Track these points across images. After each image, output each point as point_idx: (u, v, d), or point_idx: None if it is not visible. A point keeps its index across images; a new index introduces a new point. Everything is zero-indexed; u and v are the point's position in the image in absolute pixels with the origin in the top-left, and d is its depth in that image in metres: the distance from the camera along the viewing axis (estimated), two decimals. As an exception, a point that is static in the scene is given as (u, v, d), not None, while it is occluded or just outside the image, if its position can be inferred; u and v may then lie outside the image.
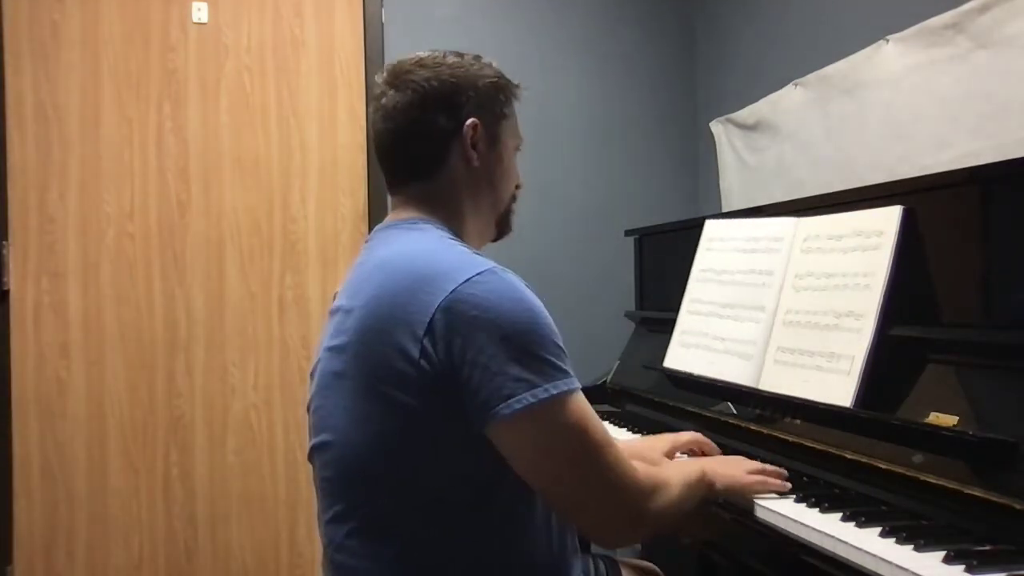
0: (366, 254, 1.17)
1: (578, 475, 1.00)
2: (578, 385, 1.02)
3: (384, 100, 1.17)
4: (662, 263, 1.92)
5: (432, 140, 1.16)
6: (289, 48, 2.62)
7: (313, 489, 1.16)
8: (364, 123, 2.65)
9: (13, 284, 2.44)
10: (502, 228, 1.27)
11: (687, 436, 1.49)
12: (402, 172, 1.19)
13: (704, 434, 1.52)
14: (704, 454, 1.47)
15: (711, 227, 1.90)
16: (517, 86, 1.24)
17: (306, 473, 2.59)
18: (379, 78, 1.20)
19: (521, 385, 0.97)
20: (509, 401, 0.96)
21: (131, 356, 2.51)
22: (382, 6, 2.68)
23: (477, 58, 1.21)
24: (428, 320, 0.99)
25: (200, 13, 2.56)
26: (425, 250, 1.09)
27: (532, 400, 0.96)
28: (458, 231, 1.17)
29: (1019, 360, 1.13)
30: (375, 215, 2.64)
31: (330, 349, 1.10)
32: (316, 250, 2.63)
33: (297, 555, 2.60)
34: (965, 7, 1.75)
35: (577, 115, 2.86)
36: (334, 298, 1.17)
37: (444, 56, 1.18)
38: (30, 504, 2.43)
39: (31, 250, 2.45)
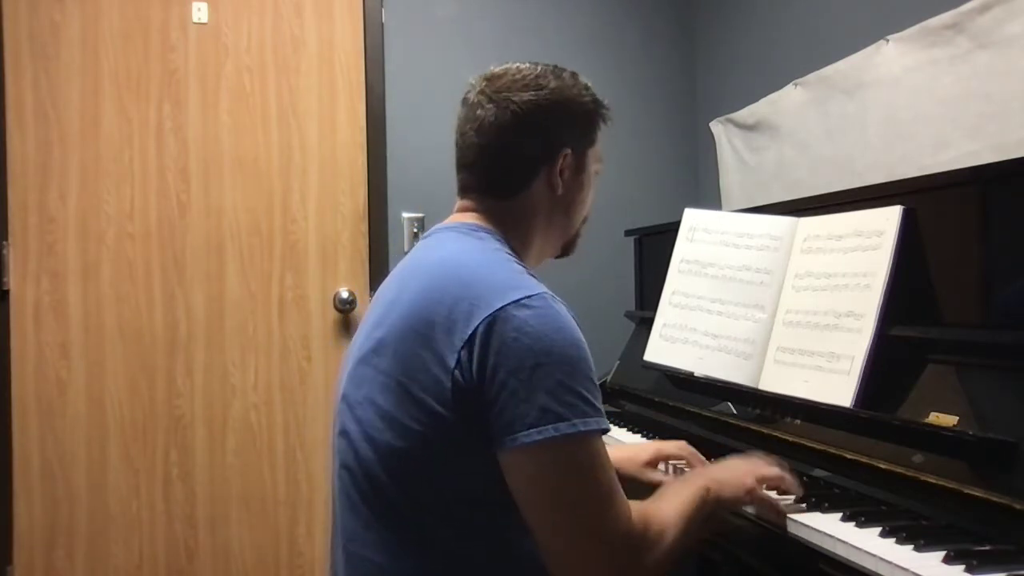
0: (421, 251, 1.17)
1: (574, 521, 0.98)
2: (605, 426, 1.00)
3: (480, 112, 1.14)
4: (662, 263, 1.92)
5: (521, 164, 1.15)
6: (289, 48, 2.62)
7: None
8: (364, 123, 2.65)
9: (13, 284, 2.44)
10: (567, 250, 1.28)
11: (673, 446, 1.44)
12: (482, 187, 1.18)
13: (704, 434, 1.52)
14: (690, 464, 1.41)
15: (692, 217, 1.88)
16: (608, 109, 1.23)
17: (306, 473, 2.60)
18: (475, 84, 1.17)
19: (547, 416, 0.96)
20: (530, 431, 0.95)
21: (131, 356, 2.50)
22: (382, 6, 2.68)
23: (574, 76, 1.20)
24: (470, 332, 0.98)
25: (200, 13, 2.56)
26: (480, 261, 1.08)
27: (555, 433, 0.95)
28: (520, 249, 1.16)
29: (1019, 360, 1.13)
30: (375, 215, 2.63)
31: (370, 339, 1.09)
32: (316, 250, 2.63)
33: (297, 555, 2.60)
34: (965, 7, 1.75)
35: (577, 115, 2.86)
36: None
37: (546, 77, 1.16)
38: (30, 504, 2.43)
39: (31, 250, 2.45)
